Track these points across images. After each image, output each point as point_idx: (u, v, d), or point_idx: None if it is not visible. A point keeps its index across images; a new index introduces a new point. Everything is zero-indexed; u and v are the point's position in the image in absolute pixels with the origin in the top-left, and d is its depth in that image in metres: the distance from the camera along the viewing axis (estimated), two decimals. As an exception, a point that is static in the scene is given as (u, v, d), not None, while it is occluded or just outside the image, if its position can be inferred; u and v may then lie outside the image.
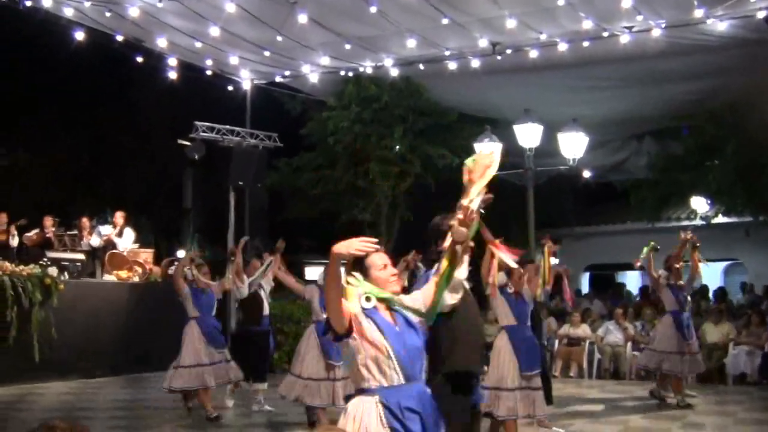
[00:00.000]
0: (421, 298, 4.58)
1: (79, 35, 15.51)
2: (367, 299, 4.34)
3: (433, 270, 5.17)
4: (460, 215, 4.58)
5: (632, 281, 25.87)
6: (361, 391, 4.29)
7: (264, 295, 12.18)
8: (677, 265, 12.11)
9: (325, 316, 9.29)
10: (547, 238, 10.11)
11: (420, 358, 4.37)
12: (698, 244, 12.01)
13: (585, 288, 25.41)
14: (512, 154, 16.47)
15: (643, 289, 21.45)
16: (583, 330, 16.40)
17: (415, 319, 4.44)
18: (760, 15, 13.82)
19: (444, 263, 4.59)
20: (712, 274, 20.54)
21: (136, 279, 16.96)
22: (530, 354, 8.78)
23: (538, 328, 10.61)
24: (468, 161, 4.93)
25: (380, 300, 4.39)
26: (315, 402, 9.68)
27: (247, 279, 11.85)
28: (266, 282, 12.25)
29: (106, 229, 17.99)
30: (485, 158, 4.98)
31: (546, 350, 14.15)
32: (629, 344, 15.98)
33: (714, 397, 13.18)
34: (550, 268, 9.92)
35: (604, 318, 17.63)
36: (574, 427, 10.61)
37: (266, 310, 12.23)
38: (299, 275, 22.00)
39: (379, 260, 4.50)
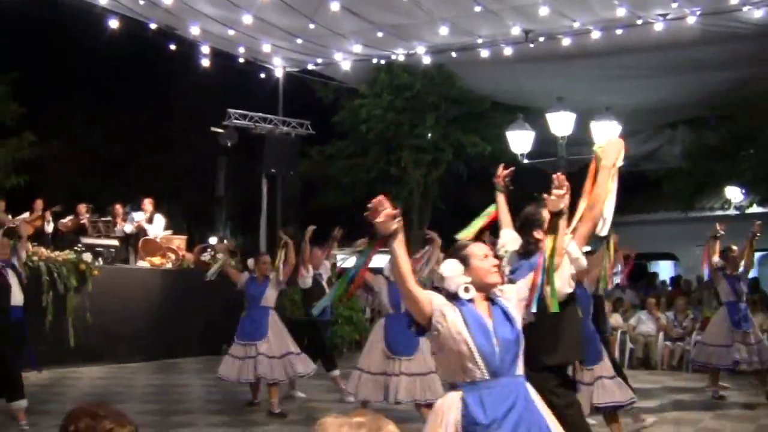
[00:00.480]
0: (525, 288, 4.42)
1: (113, 23, 15.61)
2: (466, 290, 4.19)
3: (534, 260, 5.07)
4: (555, 189, 4.52)
5: (665, 271, 25.68)
6: (451, 386, 4.19)
7: (324, 284, 12.05)
8: (734, 254, 11.88)
9: (392, 310, 9.20)
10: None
11: (512, 352, 4.16)
12: (758, 234, 11.74)
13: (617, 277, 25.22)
14: (545, 143, 16.42)
15: (676, 279, 21.31)
16: (615, 320, 16.31)
17: (515, 311, 4.27)
18: (798, 2, 13.70)
19: (549, 243, 4.45)
20: (746, 265, 20.36)
21: (169, 265, 17.07)
22: (590, 349, 8.38)
23: (602, 321, 10.30)
24: (596, 148, 5.00)
25: (480, 290, 4.24)
26: (380, 398, 9.19)
27: (311, 269, 11.80)
28: (324, 271, 12.13)
29: (138, 216, 18.13)
30: (615, 144, 5.06)
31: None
32: (661, 334, 15.90)
33: (747, 389, 13.08)
34: (614, 258, 9.60)
35: (637, 308, 17.52)
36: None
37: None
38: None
39: (480, 250, 4.35)
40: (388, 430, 2.45)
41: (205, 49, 17.29)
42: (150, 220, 17.96)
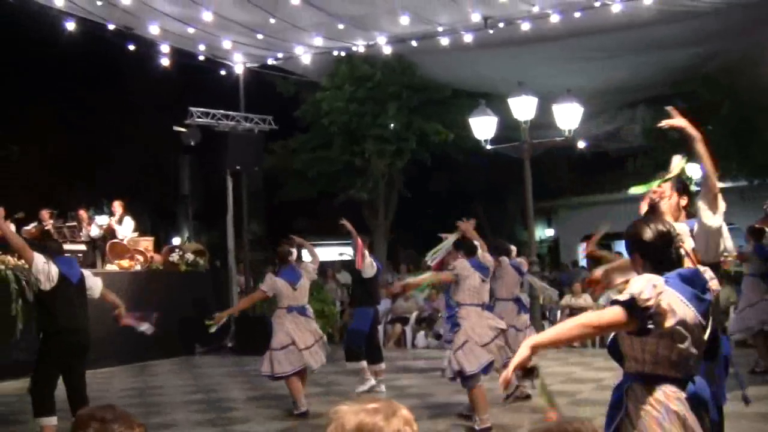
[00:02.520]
0: None
1: (70, 25, 15.41)
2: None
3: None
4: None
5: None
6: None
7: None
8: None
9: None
10: None
11: None
12: None
13: (583, 258, 25.48)
14: (508, 128, 16.51)
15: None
16: (585, 300, 16.48)
17: None
18: (751, -22, 13.87)
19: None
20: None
21: (138, 267, 16.96)
22: None
23: None
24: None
25: None
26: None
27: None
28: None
29: (102, 219, 17.99)
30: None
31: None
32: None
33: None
34: None
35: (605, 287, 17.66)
36: (583, 395, 10.70)
37: None
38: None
39: None
40: (402, 414, 2.51)
41: (165, 48, 17.16)
42: (120, 221, 17.81)
